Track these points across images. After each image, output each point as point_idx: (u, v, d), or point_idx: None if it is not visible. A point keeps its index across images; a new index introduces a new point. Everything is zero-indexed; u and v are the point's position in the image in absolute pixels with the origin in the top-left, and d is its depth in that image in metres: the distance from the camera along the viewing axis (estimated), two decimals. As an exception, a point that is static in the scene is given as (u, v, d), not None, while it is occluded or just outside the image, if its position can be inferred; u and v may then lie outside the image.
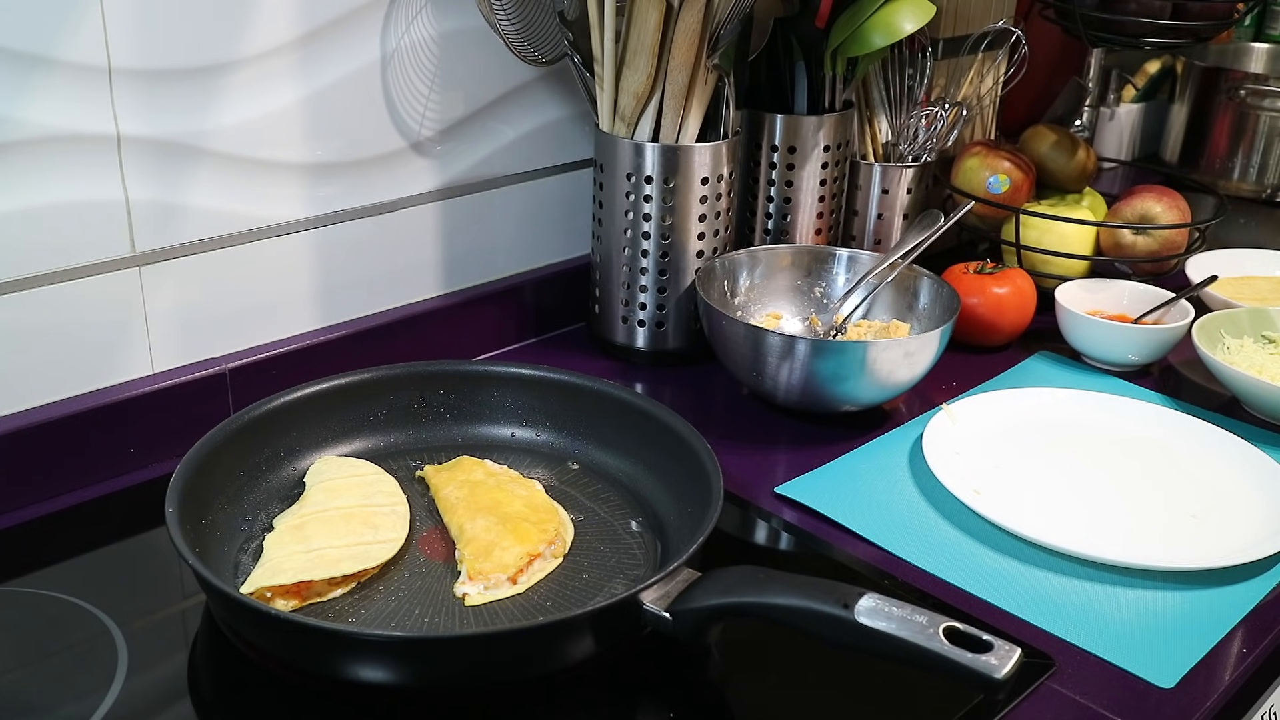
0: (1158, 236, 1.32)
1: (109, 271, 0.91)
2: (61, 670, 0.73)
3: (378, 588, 0.80)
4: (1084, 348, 1.22)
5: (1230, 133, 1.76)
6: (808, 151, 1.23)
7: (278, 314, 1.03)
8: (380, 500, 0.86)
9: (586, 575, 0.82)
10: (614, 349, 1.18)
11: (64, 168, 0.87)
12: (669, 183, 1.10)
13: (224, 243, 0.98)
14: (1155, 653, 0.79)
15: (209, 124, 0.94)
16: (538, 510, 0.86)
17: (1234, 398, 1.14)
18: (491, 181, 1.16)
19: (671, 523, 0.87)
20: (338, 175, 1.03)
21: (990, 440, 1.04)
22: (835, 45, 1.18)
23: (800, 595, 0.68)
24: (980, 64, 1.44)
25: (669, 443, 0.90)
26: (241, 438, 0.87)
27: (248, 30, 0.94)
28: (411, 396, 0.97)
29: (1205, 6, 1.44)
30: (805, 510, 0.94)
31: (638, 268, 1.13)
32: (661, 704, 0.74)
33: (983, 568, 0.87)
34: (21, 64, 0.83)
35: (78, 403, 0.91)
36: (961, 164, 1.39)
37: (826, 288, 1.20)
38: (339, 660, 0.70)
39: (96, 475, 0.93)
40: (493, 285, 1.18)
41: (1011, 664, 0.63)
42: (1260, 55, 1.94)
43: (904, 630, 0.65)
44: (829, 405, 1.05)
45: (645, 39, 1.05)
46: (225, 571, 0.80)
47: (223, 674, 0.75)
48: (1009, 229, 1.34)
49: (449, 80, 1.09)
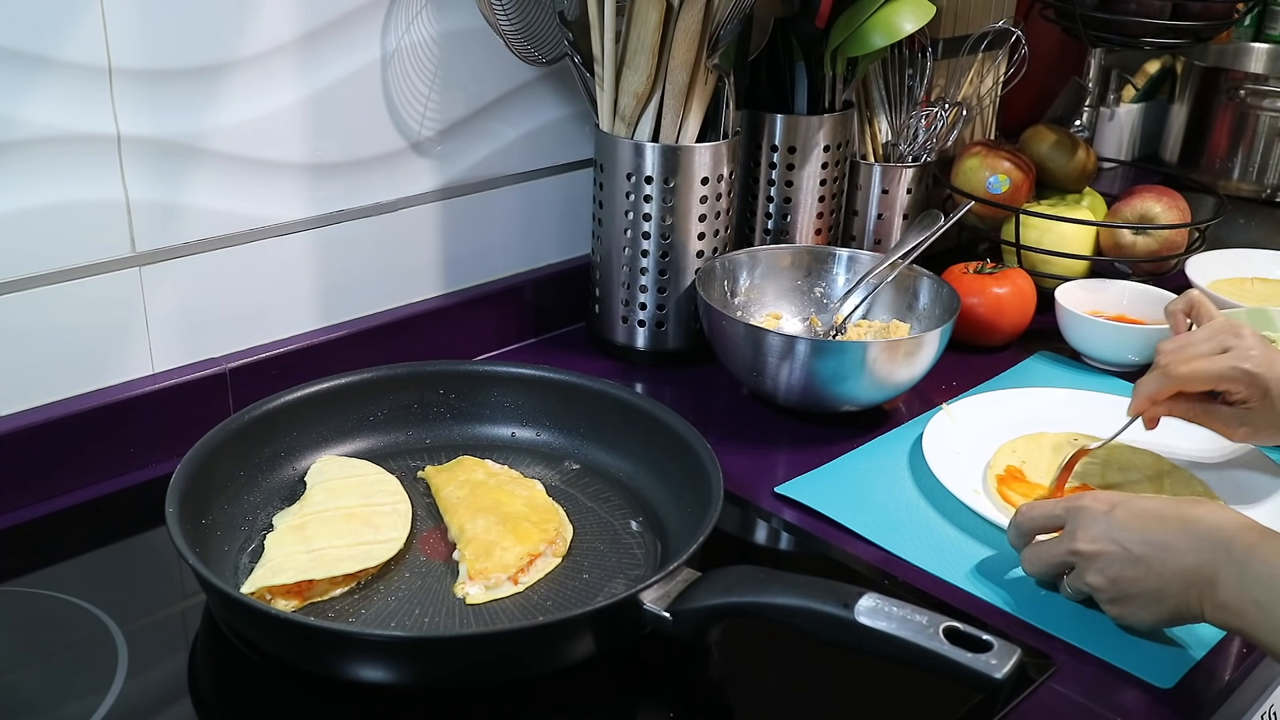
0: (1158, 236, 1.32)
1: (109, 271, 0.91)
2: (61, 670, 0.73)
3: (378, 588, 0.80)
4: (1084, 348, 1.22)
5: (1230, 133, 1.76)
6: (808, 151, 1.23)
7: (278, 314, 1.03)
8: (381, 499, 0.86)
9: (586, 575, 0.82)
10: (614, 349, 1.18)
11: (64, 168, 0.87)
12: (669, 183, 1.10)
13: (224, 243, 0.98)
14: (1155, 653, 0.79)
15: (209, 124, 0.94)
16: (538, 510, 0.86)
17: (1234, 398, 1.14)
18: (491, 181, 1.16)
19: (671, 523, 0.87)
20: (338, 175, 1.03)
21: (990, 440, 1.04)
22: (835, 45, 1.18)
23: (800, 595, 0.68)
24: (980, 64, 1.44)
25: (669, 443, 0.90)
26: (241, 438, 0.87)
27: (248, 30, 0.94)
28: (411, 396, 0.97)
29: (1205, 6, 1.44)
30: (805, 510, 0.94)
31: (638, 268, 1.13)
32: (661, 704, 0.74)
33: (983, 568, 0.87)
34: (21, 64, 0.83)
35: (78, 403, 0.91)
36: (961, 164, 1.39)
37: (826, 288, 1.20)
38: (339, 660, 0.70)
39: (96, 475, 0.93)
40: (493, 285, 1.18)
41: (1011, 664, 0.63)
42: (1260, 55, 1.94)
43: (904, 630, 0.65)
44: (829, 405, 1.06)
45: (645, 39, 1.05)
46: (225, 571, 0.80)
47: (223, 674, 0.75)
48: (1009, 229, 1.34)
49: (449, 80, 1.09)
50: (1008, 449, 1.02)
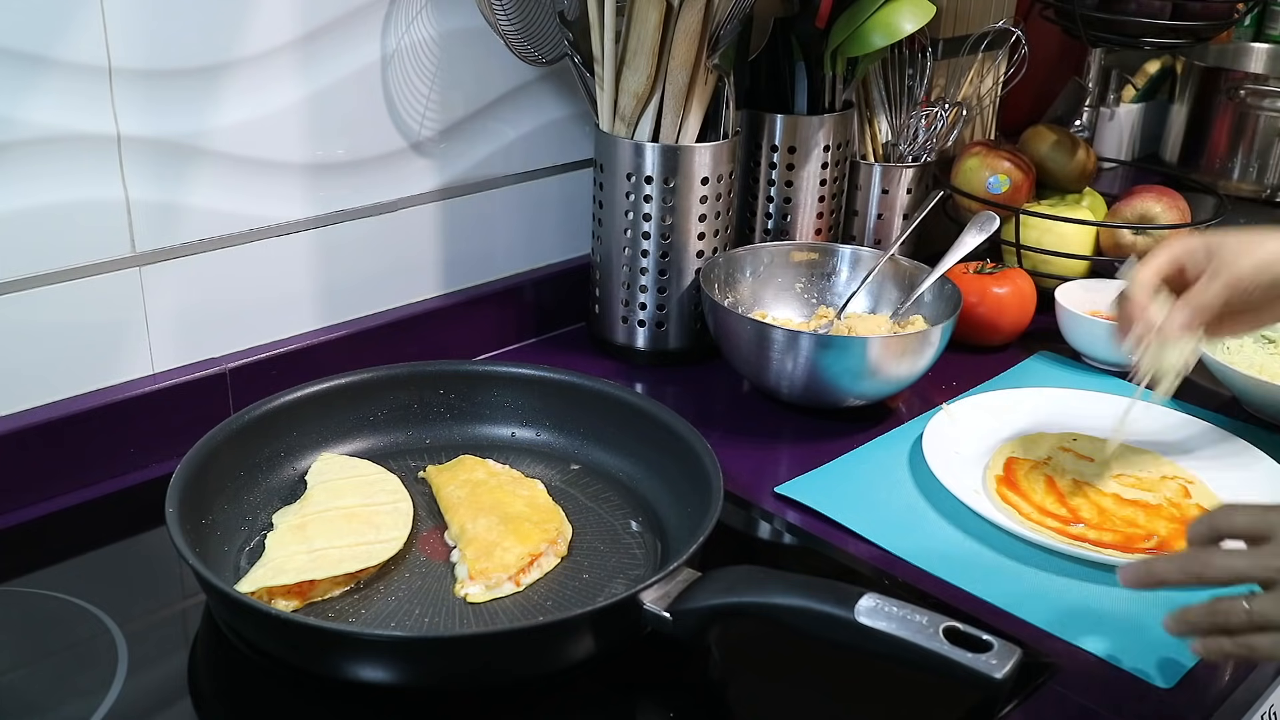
0: (1158, 236, 1.32)
1: (109, 271, 0.91)
2: (61, 670, 0.73)
3: (378, 588, 0.80)
4: (1084, 348, 1.22)
5: (1230, 133, 1.76)
6: (808, 151, 1.23)
7: (278, 314, 1.03)
8: (382, 499, 0.86)
9: (587, 575, 0.82)
10: (614, 349, 1.18)
11: (64, 168, 0.87)
12: (669, 183, 1.10)
13: (224, 243, 0.98)
14: (1155, 653, 0.79)
15: (209, 124, 0.94)
16: (539, 510, 0.86)
17: (1234, 398, 1.14)
18: (491, 181, 1.16)
19: (671, 523, 0.87)
20: (338, 175, 1.03)
21: (990, 440, 1.03)
22: (835, 45, 1.18)
23: (800, 595, 0.68)
24: (980, 64, 1.44)
25: (669, 443, 0.90)
26: (241, 438, 0.87)
27: (248, 30, 0.94)
28: (411, 396, 0.97)
29: (1205, 6, 1.44)
30: (805, 510, 0.94)
31: (638, 268, 1.13)
32: (661, 704, 0.74)
33: (983, 568, 0.87)
34: (21, 64, 0.83)
35: (78, 403, 0.91)
36: (961, 164, 1.39)
37: (829, 284, 1.20)
38: (339, 660, 0.70)
39: (96, 475, 0.93)
40: (493, 285, 1.18)
41: (1011, 664, 0.63)
42: (1260, 55, 1.94)
43: (904, 630, 0.65)
44: (832, 400, 1.06)
45: (645, 39, 1.05)
46: (225, 571, 0.80)
47: (223, 674, 0.75)
48: (1009, 229, 1.34)
49: (449, 80, 1.09)
50: (1007, 449, 1.02)
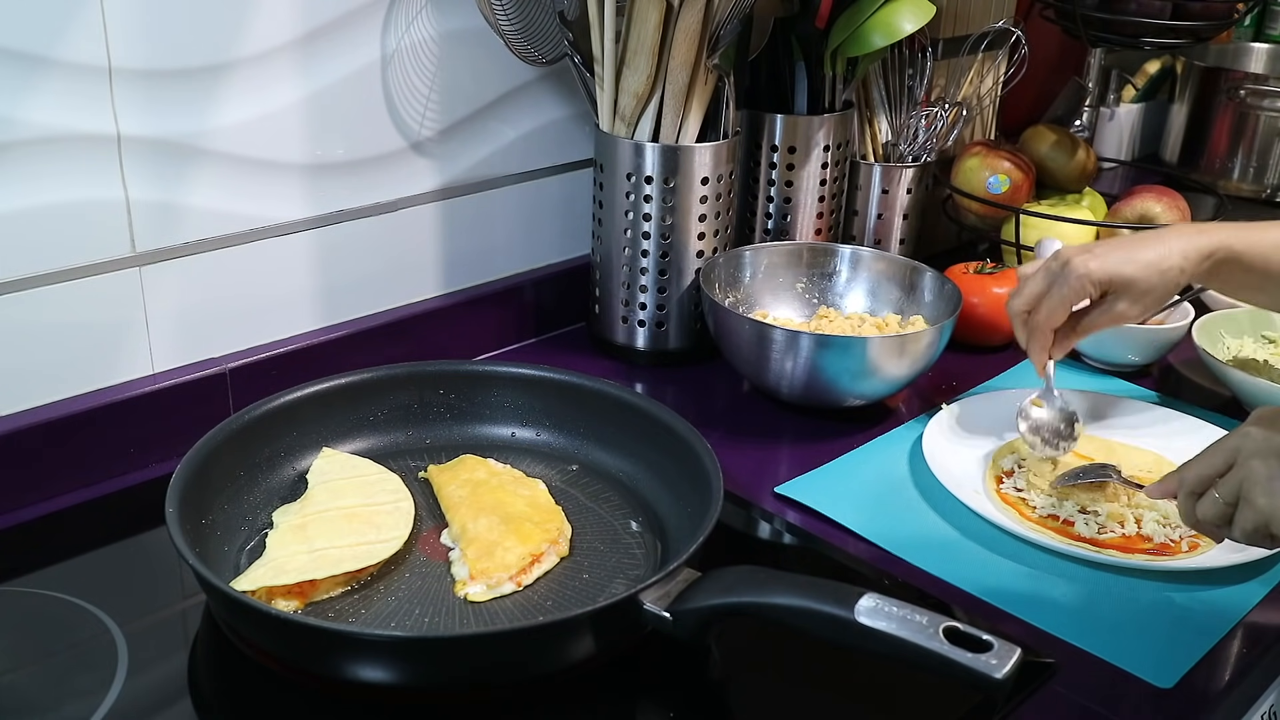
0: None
1: (109, 271, 0.91)
2: (61, 670, 0.73)
3: (378, 588, 0.80)
4: (1084, 348, 1.22)
5: (1230, 133, 1.76)
6: (808, 151, 1.23)
7: (278, 314, 1.03)
8: (383, 498, 0.86)
9: (587, 575, 0.82)
10: (614, 349, 1.18)
11: (64, 168, 0.87)
12: (669, 183, 1.10)
13: (224, 243, 0.98)
14: (1155, 653, 0.79)
15: (209, 124, 0.94)
16: (540, 510, 0.86)
17: (1234, 398, 1.14)
18: (491, 181, 1.16)
19: (671, 523, 0.87)
20: (338, 175, 1.03)
21: (990, 440, 1.03)
22: (835, 45, 1.18)
23: (800, 595, 0.68)
24: (980, 64, 1.44)
25: (669, 443, 0.90)
26: (241, 438, 0.87)
27: (248, 30, 0.94)
28: (411, 396, 0.97)
29: (1205, 6, 1.44)
30: (805, 510, 0.94)
31: (638, 268, 1.13)
32: (661, 704, 0.74)
33: (983, 567, 0.87)
34: (21, 64, 0.83)
35: (78, 403, 0.91)
36: (961, 164, 1.39)
37: (829, 284, 1.20)
38: (339, 660, 0.70)
39: (96, 475, 0.93)
40: (493, 285, 1.18)
41: (1011, 664, 0.63)
42: (1260, 55, 1.94)
43: (904, 630, 0.65)
44: (832, 399, 1.06)
45: (645, 39, 1.04)
46: (225, 571, 0.80)
47: (223, 674, 0.75)
48: (1009, 229, 1.34)
49: (449, 80, 1.09)
50: (1007, 449, 1.02)
